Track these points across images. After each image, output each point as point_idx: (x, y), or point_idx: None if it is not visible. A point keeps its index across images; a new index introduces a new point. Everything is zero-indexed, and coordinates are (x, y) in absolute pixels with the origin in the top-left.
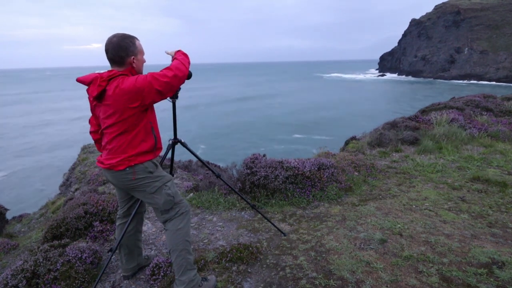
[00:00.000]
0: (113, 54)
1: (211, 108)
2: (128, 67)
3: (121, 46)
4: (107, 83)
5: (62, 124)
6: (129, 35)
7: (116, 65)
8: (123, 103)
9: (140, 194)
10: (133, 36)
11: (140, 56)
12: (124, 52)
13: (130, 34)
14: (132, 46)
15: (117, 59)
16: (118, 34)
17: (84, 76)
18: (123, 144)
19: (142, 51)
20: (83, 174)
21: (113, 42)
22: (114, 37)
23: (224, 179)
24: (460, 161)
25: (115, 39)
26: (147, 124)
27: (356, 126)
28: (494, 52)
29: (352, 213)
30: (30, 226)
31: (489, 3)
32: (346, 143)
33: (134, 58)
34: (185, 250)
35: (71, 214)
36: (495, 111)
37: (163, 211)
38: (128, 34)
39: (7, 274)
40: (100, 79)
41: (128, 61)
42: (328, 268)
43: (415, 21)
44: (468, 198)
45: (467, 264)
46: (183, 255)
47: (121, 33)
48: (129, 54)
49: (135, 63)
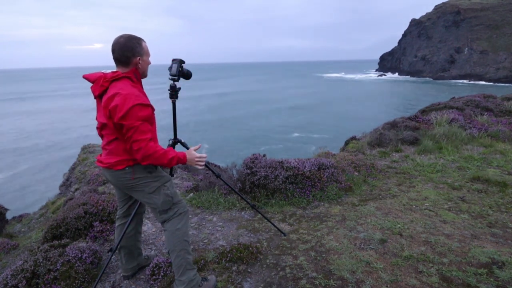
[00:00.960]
0: (120, 54)
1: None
2: (132, 68)
3: (127, 46)
4: (109, 83)
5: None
6: (136, 36)
7: (121, 65)
8: (106, 113)
9: (138, 194)
10: (140, 37)
11: (146, 57)
12: (130, 52)
13: (137, 36)
14: (138, 47)
15: (123, 59)
16: (125, 35)
17: (90, 74)
18: (120, 148)
19: (148, 52)
20: (83, 174)
21: (120, 42)
22: (121, 37)
23: (224, 179)
24: (460, 161)
25: (122, 40)
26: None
27: (355, 126)
28: (494, 52)
29: (352, 213)
30: (30, 226)
31: (489, 3)
32: (346, 143)
33: (140, 59)
34: (184, 250)
35: (71, 214)
36: (495, 111)
37: (162, 211)
38: (135, 36)
39: (7, 274)
40: (103, 79)
41: (133, 62)
42: (328, 268)
43: (415, 21)
44: (468, 198)
45: (467, 264)
46: (182, 255)
47: (128, 34)
48: (135, 55)
49: (141, 64)
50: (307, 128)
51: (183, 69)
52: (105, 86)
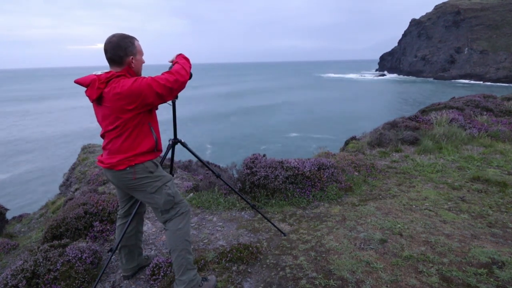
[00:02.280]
0: (112, 53)
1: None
2: (125, 67)
3: (120, 45)
4: (105, 85)
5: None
6: (128, 35)
7: (115, 65)
8: (120, 105)
9: (140, 194)
10: (132, 36)
11: (139, 56)
12: (123, 51)
13: (129, 35)
14: (131, 46)
15: (116, 58)
16: (117, 34)
17: (82, 77)
18: (122, 145)
19: (141, 51)
20: (83, 174)
21: (112, 42)
22: (113, 36)
23: (224, 179)
24: (460, 161)
25: (115, 39)
26: (146, 126)
27: (355, 126)
28: (494, 52)
29: (352, 213)
30: (30, 226)
31: (489, 3)
32: (346, 143)
33: (133, 58)
34: (185, 250)
35: (71, 214)
36: (495, 111)
37: (163, 211)
38: (127, 34)
39: (7, 274)
40: (98, 81)
41: (127, 61)
42: (328, 268)
43: (415, 21)
44: (468, 198)
45: (467, 264)
46: (183, 255)
47: (120, 33)
48: (128, 54)
49: (134, 63)
50: (306, 127)
51: None
52: (102, 88)
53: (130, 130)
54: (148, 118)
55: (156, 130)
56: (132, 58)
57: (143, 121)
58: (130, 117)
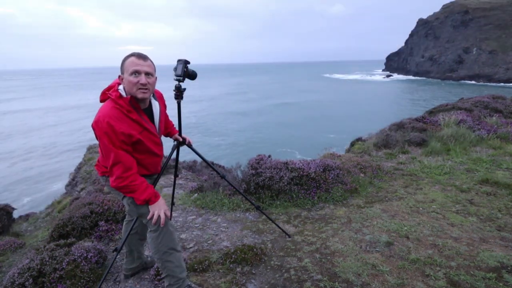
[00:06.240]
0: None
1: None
2: (119, 83)
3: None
4: (104, 95)
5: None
6: (128, 54)
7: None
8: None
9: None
10: (130, 54)
11: (125, 74)
12: (120, 69)
13: (130, 53)
14: (122, 65)
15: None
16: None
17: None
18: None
19: (128, 69)
20: (89, 174)
21: None
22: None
23: (228, 180)
24: (469, 163)
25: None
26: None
27: (361, 127)
28: (503, 52)
29: (358, 215)
30: (37, 225)
31: (499, 2)
32: (352, 144)
33: (121, 77)
34: (167, 253)
35: (77, 213)
36: (505, 112)
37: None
38: (129, 54)
39: (14, 273)
40: (105, 89)
41: (120, 78)
42: (333, 271)
43: (422, 20)
44: (476, 200)
45: (476, 268)
46: (165, 258)
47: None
48: (121, 71)
49: (123, 82)
50: (308, 127)
51: (188, 69)
52: (101, 98)
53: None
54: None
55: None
56: (119, 76)
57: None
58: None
